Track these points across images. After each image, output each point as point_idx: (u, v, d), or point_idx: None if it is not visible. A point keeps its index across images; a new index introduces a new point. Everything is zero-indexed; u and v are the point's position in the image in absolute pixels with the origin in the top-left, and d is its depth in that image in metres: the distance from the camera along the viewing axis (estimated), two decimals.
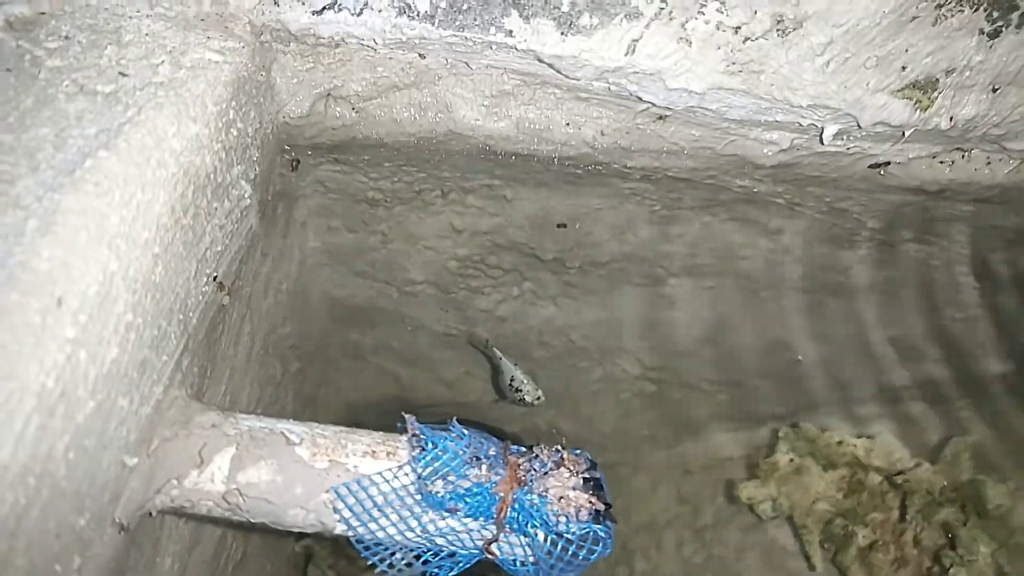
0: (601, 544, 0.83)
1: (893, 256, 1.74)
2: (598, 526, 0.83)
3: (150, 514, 0.88)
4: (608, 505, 0.86)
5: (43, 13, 1.02)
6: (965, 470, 1.57)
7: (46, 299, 0.65)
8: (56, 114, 0.83)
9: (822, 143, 1.30)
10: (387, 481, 0.87)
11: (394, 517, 0.86)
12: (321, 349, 1.95)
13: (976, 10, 1.13)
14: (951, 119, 1.24)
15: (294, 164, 1.43)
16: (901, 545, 1.55)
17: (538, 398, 1.91)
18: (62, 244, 0.69)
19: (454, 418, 0.93)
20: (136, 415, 0.82)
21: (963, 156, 1.42)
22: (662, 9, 1.08)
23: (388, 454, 0.90)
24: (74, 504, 0.71)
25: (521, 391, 1.91)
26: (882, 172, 1.43)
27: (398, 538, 0.87)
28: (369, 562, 0.88)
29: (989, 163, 1.43)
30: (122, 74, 0.92)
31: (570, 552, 0.83)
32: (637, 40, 1.10)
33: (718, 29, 1.10)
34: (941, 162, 1.42)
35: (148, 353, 0.83)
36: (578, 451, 0.91)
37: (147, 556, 1.01)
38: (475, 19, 1.09)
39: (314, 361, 1.91)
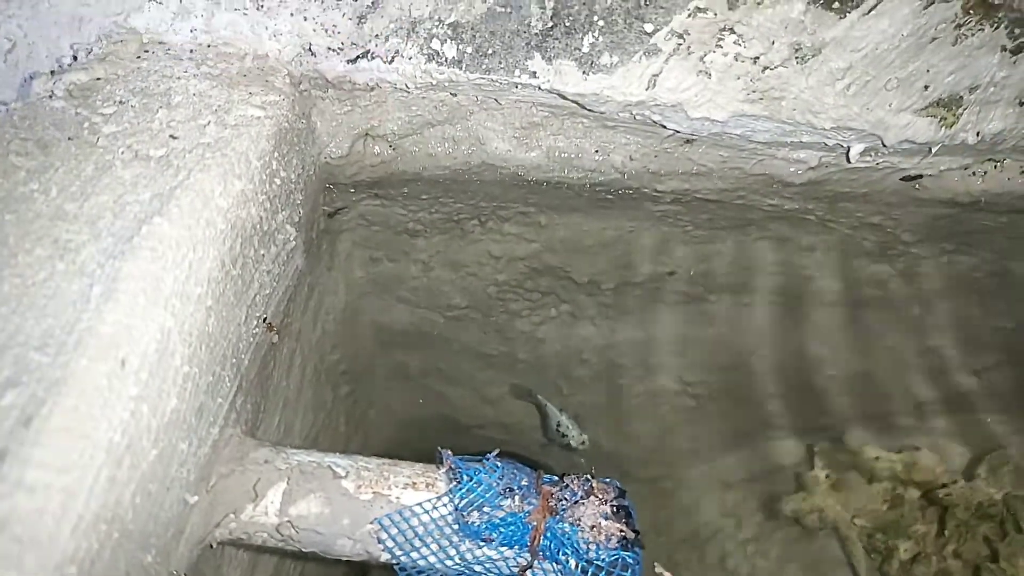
0: (630, 570, 0.87)
1: (928, 269, 1.73)
2: (627, 553, 0.87)
3: (211, 546, 0.95)
4: (637, 532, 0.89)
5: (99, 78, 1.10)
6: (1004, 484, 1.55)
7: (111, 362, 0.72)
8: (114, 181, 0.90)
9: (849, 162, 1.31)
10: (427, 512, 0.92)
11: (434, 546, 0.91)
12: (369, 373, 2.02)
13: (996, 28, 1.13)
14: (978, 134, 1.24)
15: (332, 214, 1.50)
16: (944, 558, 1.55)
17: (582, 443, 1.98)
18: (123, 309, 0.76)
19: (495, 451, 0.97)
20: (195, 456, 0.89)
21: (996, 167, 1.42)
22: (680, 44, 1.11)
23: (427, 485, 0.95)
24: (141, 543, 0.78)
25: (566, 436, 1.98)
26: (916, 186, 1.43)
27: (439, 566, 0.92)
28: None
29: (1023, 172, 1.42)
30: (172, 137, 0.99)
31: None
32: (657, 75, 1.13)
33: (736, 60, 1.13)
34: (973, 173, 1.42)
35: (204, 399, 0.90)
36: (607, 480, 0.95)
37: None
38: (500, 62, 1.14)
39: (363, 384, 1.99)
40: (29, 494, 0.64)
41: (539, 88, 1.16)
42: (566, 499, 0.91)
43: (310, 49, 1.16)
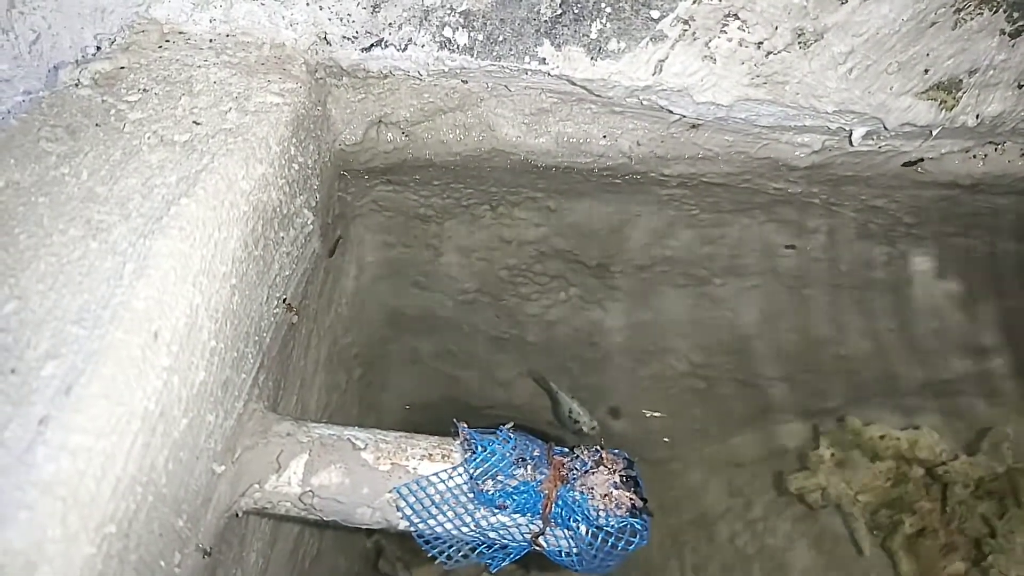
0: (638, 536, 0.91)
1: (932, 250, 1.76)
2: (635, 520, 0.91)
3: (236, 515, 0.99)
4: (645, 500, 0.93)
5: (122, 67, 1.13)
6: (1005, 460, 1.58)
7: (145, 334, 0.76)
8: (141, 165, 0.94)
9: (851, 145, 1.33)
10: (443, 481, 0.96)
11: (450, 514, 0.95)
12: (382, 356, 2.06)
13: (996, 12, 1.16)
14: (978, 116, 1.27)
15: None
16: (950, 532, 1.58)
17: (593, 428, 2.05)
18: (155, 285, 0.80)
19: (509, 424, 1.01)
20: (221, 428, 0.93)
21: (996, 149, 1.44)
22: (685, 30, 1.14)
23: (443, 456, 0.99)
24: (173, 508, 0.82)
25: (578, 422, 2.05)
26: (919, 169, 1.45)
27: (454, 532, 0.96)
28: (430, 555, 0.98)
29: (1023, 155, 1.44)
30: (195, 123, 1.02)
31: (609, 544, 0.91)
32: (663, 60, 1.16)
33: (741, 45, 1.15)
34: (974, 156, 1.44)
35: (229, 373, 0.94)
36: (616, 451, 0.98)
37: (235, 551, 1.12)
38: (510, 49, 1.17)
39: (376, 367, 2.03)
40: (72, 457, 0.68)
41: (548, 74, 1.19)
42: (577, 469, 0.95)
43: (325, 38, 1.19)
